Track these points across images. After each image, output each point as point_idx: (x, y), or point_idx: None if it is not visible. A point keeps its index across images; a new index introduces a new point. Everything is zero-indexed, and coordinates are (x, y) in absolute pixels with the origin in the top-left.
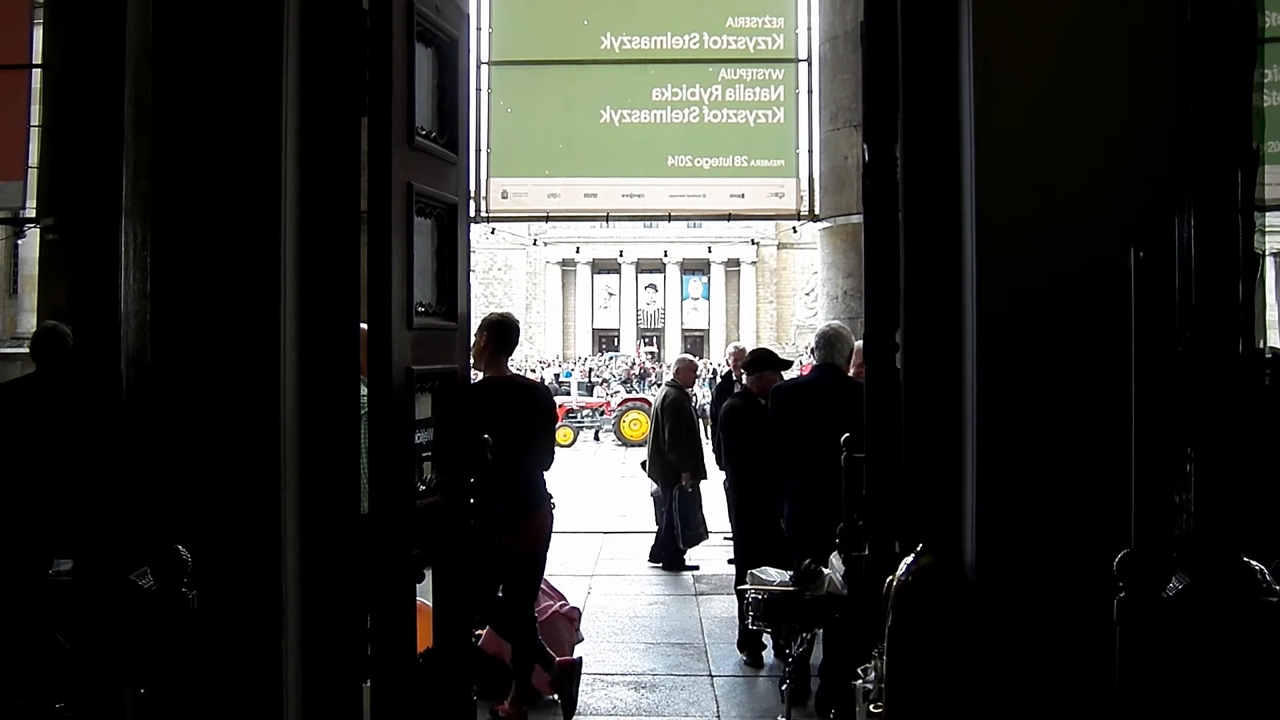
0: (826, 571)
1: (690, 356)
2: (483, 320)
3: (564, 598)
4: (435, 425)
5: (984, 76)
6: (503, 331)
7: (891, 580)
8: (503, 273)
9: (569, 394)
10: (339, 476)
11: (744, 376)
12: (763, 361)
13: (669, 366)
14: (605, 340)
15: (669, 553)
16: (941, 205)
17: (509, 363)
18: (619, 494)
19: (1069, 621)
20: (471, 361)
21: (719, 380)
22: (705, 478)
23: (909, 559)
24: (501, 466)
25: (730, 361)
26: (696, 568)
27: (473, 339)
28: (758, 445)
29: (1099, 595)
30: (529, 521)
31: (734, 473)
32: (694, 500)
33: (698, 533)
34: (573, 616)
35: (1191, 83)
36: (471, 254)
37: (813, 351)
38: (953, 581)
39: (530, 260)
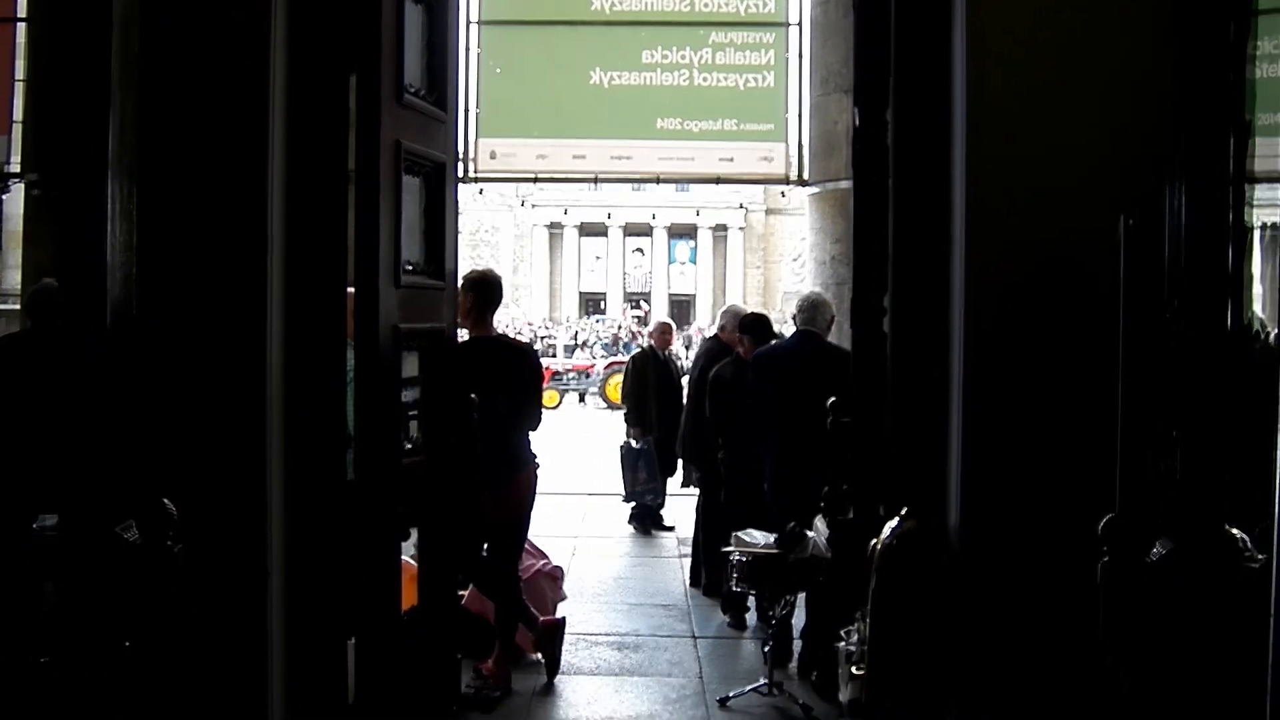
0: (811, 535)
1: (665, 319)
2: (464, 279)
3: (546, 557)
4: (422, 384)
5: (977, 42)
6: (486, 289)
7: (876, 544)
8: (489, 235)
9: (555, 356)
10: (324, 434)
11: (744, 341)
12: (754, 327)
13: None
14: (592, 304)
15: (637, 517)
16: (932, 171)
17: (494, 322)
18: (604, 457)
19: (1051, 585)
20: (458, 321)
21: (705, 342)
22: (649, 434)
23: (893, 523)
24: (487, 426)
25: (720, 325)
26: (672, 528)
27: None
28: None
29: (1082, 560)
30: (513, 481)
31: (727, 441)
32: (638, 456)
33: (634, 490)
34: (555, 575)
35: (1187, 52)
36: (459, 214)
37: (794, 317)
38: (936, 545)
39: (517, 222)
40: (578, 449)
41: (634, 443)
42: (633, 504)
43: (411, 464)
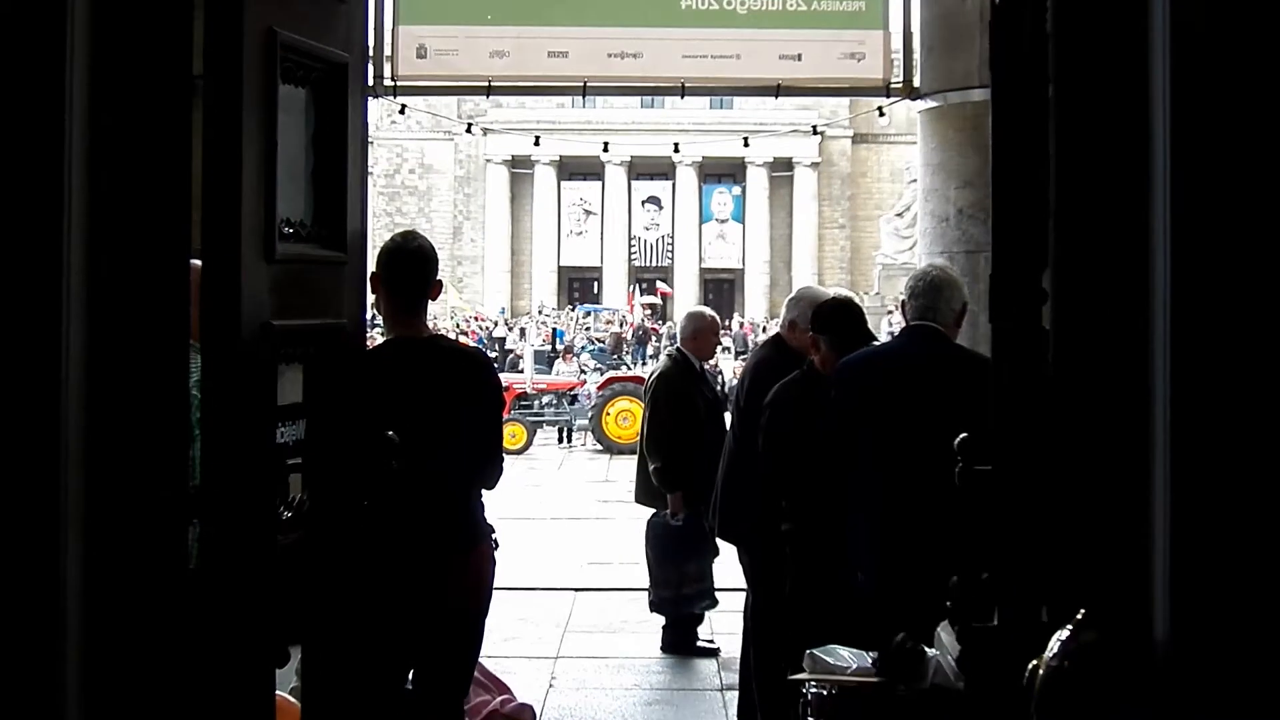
0: (931, 653)
1: (707, 310)
2: (381, 249)
3: (507, 690)
4: (309, 416)
5: None
6: (412, 265)
7: (1036, 666)
8: (418, 177)
9: (520, 370)
10: (151, 496)
11: (820, 343)
12: (836, 321)
13: (677, 325)
14: (579, 285)
15: (675, 632)
16: (1117, 72)
17: (430, 317)
18: (599, 529)
19: None
20: (368, 314)
21: (759, 349)
22: (699, 501)
23: (1063, 633)
24: (415, 482)
25: (788, 321)
26: (716, 651)
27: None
28: (824, 453)
29: None
30: (457, 566)
31: (794, 503)
32: (683, 541)
33: (679, 592)
34: (521, 718)
35: None
36: (370, 146)
37: (903, 305)
38: (1134, 668)
39: (461, 158)
40: (559, 517)
41: (673, 518)
42: (666, 615)
43: (292, 543)
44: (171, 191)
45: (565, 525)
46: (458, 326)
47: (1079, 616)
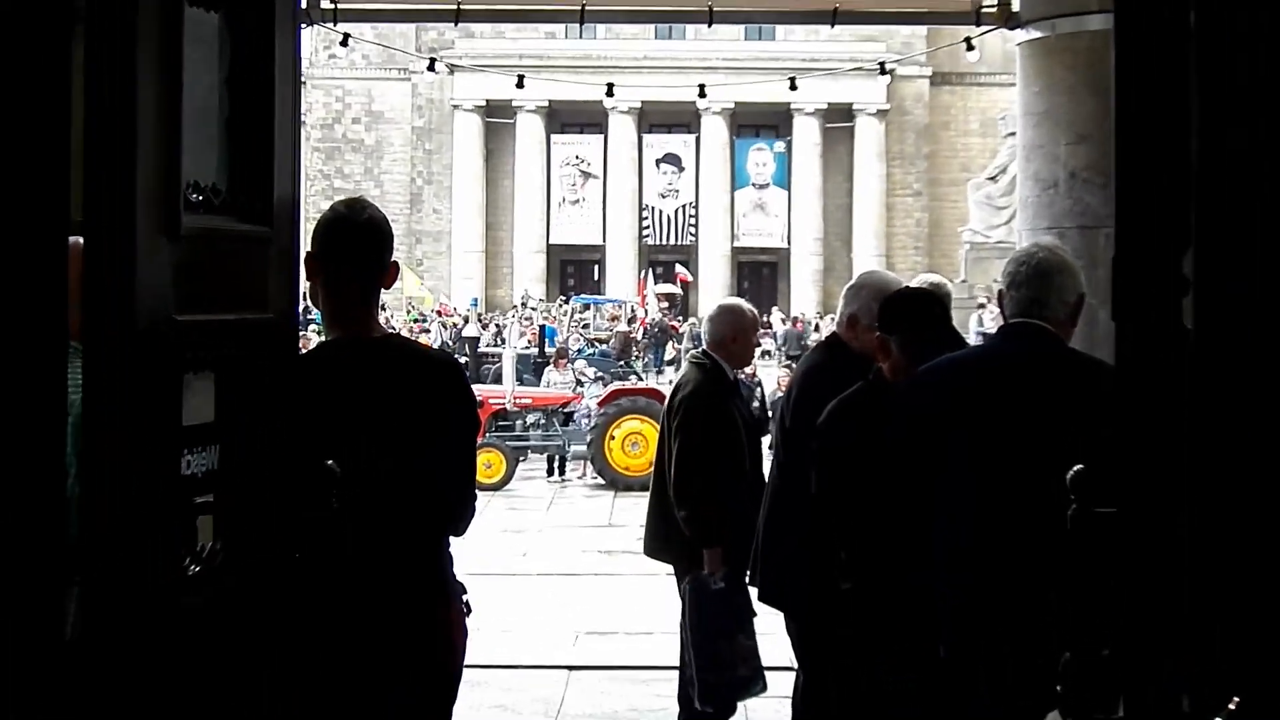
0: None
1: (744, 304)
2: (318, 222)
3: None
4: (224, 441)
5: None
6: (362, 243)
7: None
8: (364, 128)
9: (498, 380)
10: (13, 552)
11: (889, 346)
12: (909, 315)
13: (702, 322)
14: (575, 270)
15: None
16: None
17: (380, 309)
18: (599, 589)
19: None
20: (301, 306)
21: (812, 353)
22: (745, 557)
23: None
24: (363, 526)
25: (846, 316)
26: None
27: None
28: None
29: None
30: (427, 630)
31: (855, 551)
32: (727, 606)
33: (734, 674)
34: None
35: None
36: (303, 88)
37: (999, 297)
38: None
39: (421, 104)
40: (549, 571)
41: (713, 579)
42: (716, 706)
43: (200, 606)
44: (44, 149)
45: (556, 584)
46: (415, 322)
47: (1232, 706)
